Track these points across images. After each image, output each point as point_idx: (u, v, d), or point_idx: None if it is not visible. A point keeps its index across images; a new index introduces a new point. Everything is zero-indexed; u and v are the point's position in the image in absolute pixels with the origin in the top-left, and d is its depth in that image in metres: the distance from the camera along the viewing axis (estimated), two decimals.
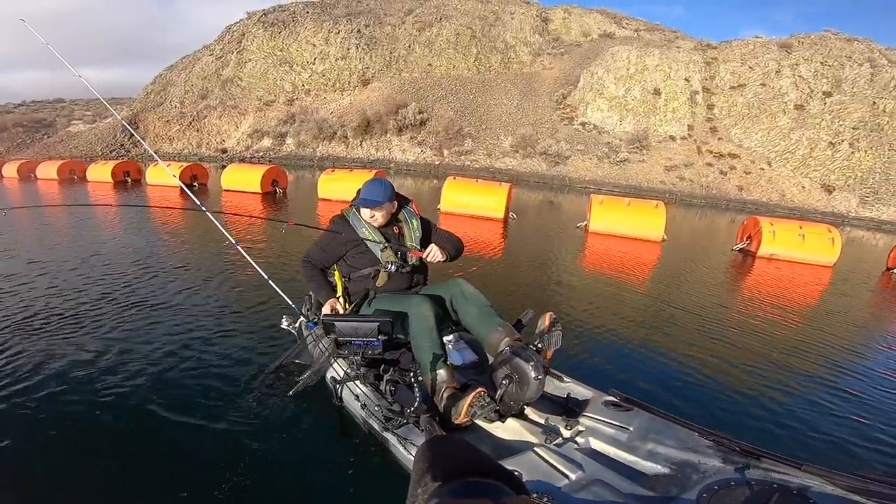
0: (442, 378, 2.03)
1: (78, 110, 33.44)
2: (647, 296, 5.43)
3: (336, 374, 2.28)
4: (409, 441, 1.87)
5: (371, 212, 2.38)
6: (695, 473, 1.60)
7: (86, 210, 8.52)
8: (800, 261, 7.61)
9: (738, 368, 3.54)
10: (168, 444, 2.23)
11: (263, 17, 30.55)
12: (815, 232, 7.74)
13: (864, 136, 21.22)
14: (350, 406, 2.19)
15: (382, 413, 1.99)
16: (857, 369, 3.78)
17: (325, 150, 25.39)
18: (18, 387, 2.62)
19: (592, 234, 8.65)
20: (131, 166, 14.52)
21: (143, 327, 3.49)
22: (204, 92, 28.43)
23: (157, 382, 2.71)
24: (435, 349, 2.07)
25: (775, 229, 7.67)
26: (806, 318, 5.16)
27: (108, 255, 5.64)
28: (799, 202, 20.35)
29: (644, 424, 1.88)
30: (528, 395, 1.90)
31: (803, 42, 24.40)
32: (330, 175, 10.93)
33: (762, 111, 22.62)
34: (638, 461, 1.75)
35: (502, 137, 24.48)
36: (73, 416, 2.39)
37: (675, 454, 1.71)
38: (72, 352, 3.03)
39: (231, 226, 7.17)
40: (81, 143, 25.69)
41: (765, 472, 1.53)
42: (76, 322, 3.52)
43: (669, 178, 21.32)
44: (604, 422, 1.96)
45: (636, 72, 24.56)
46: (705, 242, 10.68)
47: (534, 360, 1.89)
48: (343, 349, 2.11)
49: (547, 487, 1.57)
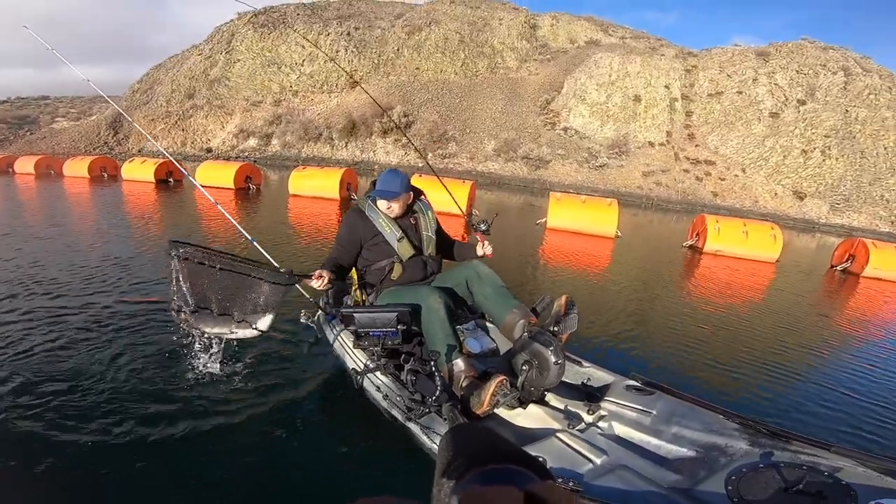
0: (459, 368, 2.00)
1: (62, 107, 33.40)
2: (600, 286, 5.67)
3: (357, 365, 2.27)
4: (433, 430, 1.86)
5: (388, 203, 2.34)
6: (722, 456, 1.56)
7: (82, 209, 8.62)
8: (743, 257, 7.90)
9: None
10: (195, 438, 2.17)
11: (254, 19, 30.77)
12: (759, 229, 8.05)
13: (835, 143, 21.77)
14: (372, 397, 2.19)
15: (404, 403, 1.98)
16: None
17: (311, 151, 25.57)
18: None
19: (550, 230, 8.91)
20: (108, 162, 14.63)
21: (152, 323, 3.42)
22: (191, 91, 28.55)
23: (178, 376, 2.66)
24: (449, 340, 2.04)
25: (720, 226, 7.96)
26: (755, 311, 5.42)
27: (110, 251, 5.65)
28: (771, 208, 20.81)
29: (667, 408, 1.85)
30: (548, 381, 1.88)
31: (780, 50, 25.01)
32: (301, 172, 11.14)
33: (738, 119, 23.14)
34: (663, 445, 1.73)
35: (486, 141, 24.80)
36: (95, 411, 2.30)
37: (700, 437, 1.67)
38: (85, 354, 2.89)
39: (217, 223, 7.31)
40: (65, 140, 25.70)
41: (794, 454, 1.49)
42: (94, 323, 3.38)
43: (647, 184, 21.71)
44: (626, 406, 1.93)
45: (618, 78, 25.03)
46: (658, 239, 10.98)
47: (553, 345, 1.87)
48: (362, 340, 2.11)
49: (571, 473, 1.56)
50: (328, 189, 10.49)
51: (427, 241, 2.43)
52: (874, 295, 7.08)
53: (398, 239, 2.33)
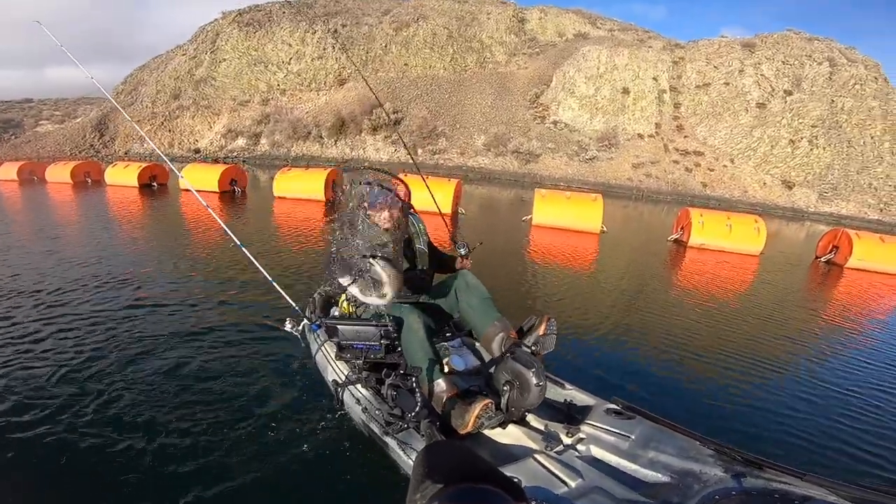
0: (441, 388, 2.01)
1: (46, 110, 32.91)
2: (581, 287, 5.67)
3: (338, 377, 2.26)
4: (410, 446, 1.86)
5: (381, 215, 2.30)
6: (696, 482, 1.57)
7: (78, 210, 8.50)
8: (728, 250, 7.94)
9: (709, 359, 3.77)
10: (167, 446, 2.21)
11: (238, 18, 30.38)
12: (742, 222, 8.09)
13: (822, 133, 21.90)
14: (351, 409, 2.20)
15: (383, 417, 1.98)
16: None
17: (300, 149, 25.39)
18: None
19: (536, 227, 8.90)
20: (92, 167, 14.42)
21: (136, 325, 3.53)
22: (176, 92, 28.20)
23: (156, 385, 2.71)
24: (429, 356, 2.05)
25: (704, 220, 7.99)
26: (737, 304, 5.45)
27: (105, 253, 5.66)
28: (760, 198, 20.93)
29: (646, 433, 1.86)
30: (529, 402, 1.90)
31: (766, 41, 25.07)
32: (286, 174, 11.04)
33: (725, 110, 23.20)
34: (639, 469, 1.74)
35: (475, 136, 24.73)
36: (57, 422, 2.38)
37: (675, 463, 1.69)
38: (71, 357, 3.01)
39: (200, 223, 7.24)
40: (49, 144, 25.33)
41: (766, 481, 1.50)
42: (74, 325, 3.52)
43: (637, 176, 21.76)
44: (605, 429, 1.94)
45: (606, 71, 24.99)
46: (644, 233, 11.01)
47: (535, 367, 1.89)
48: (345, 352, 2.10)
49: (546, 494, 1.57)
50: (314, 191, 10.41)
51: (420, 254, 2.44)
52: (861, 289, 7.14)
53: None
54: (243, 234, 6.48)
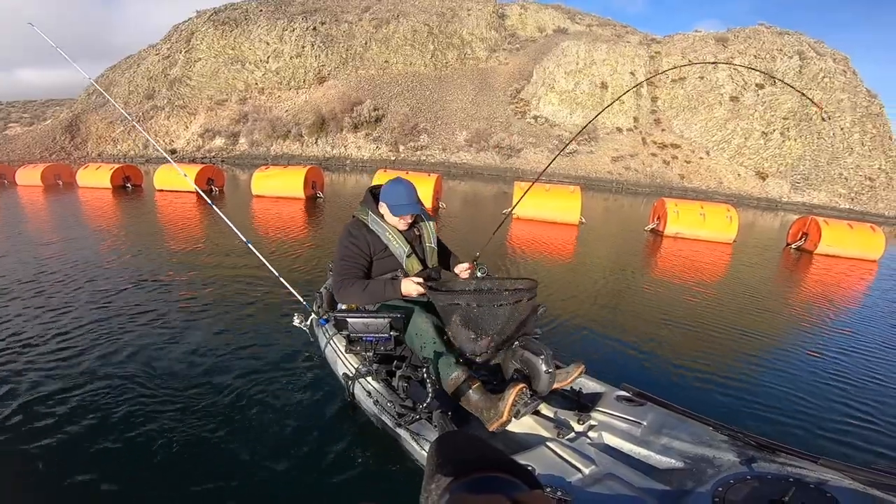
0: (461, 379, 1.92)
1: (15, 112, 31.81)
2: (558, 275, 5.75)
3: (348, 370, 2.26)
4: (422, 437, 1.86)
5: (401, 218, 2.26)
6: (709, 468, 1.58)
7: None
8: (702, 238, 8.14)
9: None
10: (182, 443, 2.21)
11: (214, 16, 29.78)
12: (715, 211, 8.29)
13: (793, 125, 22.53)
14: (362, 402, 2.19)
15: (395, 409, 1.98)
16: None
17: (280, 148, 25.06)
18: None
19: (516, 220, 8.97)
20: (62, 169, 14.02)
21: (145, 326, 3.51)
22: (150, 92, 27.55)
23: (164, 382, 2.71)
24: (442, 352, 2.00)
25: (679, 210, 8.17)
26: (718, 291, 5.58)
27: (107, 255, 5.54)
28: (735, 189, 21.45)
29: (657, 419, 1.87)
30: (538, 390, 1.88)
31: (738, 35, 25.64)
32: (263, 172, 10.91)
33: (700, 103, 23.70)
34: (651, 455, 1.74)
35: (457, 132, 24.76)
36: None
37: (689, 448, 1.69)
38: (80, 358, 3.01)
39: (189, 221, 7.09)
40: (19, 147, 24.51)
41: (781, 466, 1.51)
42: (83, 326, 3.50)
43: (616, 169, 22.08)
44: (616, 416, 1.94)
45: (585, 66, 25.27)
46: (622, 224, 11.21)
47: (544, 354, 1.88)
48: (355, 345, 2.10)
49: (560, 482, 1.56)
50: (292, 188, 10.31)
51: (430, 252, 2.42)
52: (825, 273, 7.39)
53: (406, 255, 2.28)
54: (226, 234, 6.43)
